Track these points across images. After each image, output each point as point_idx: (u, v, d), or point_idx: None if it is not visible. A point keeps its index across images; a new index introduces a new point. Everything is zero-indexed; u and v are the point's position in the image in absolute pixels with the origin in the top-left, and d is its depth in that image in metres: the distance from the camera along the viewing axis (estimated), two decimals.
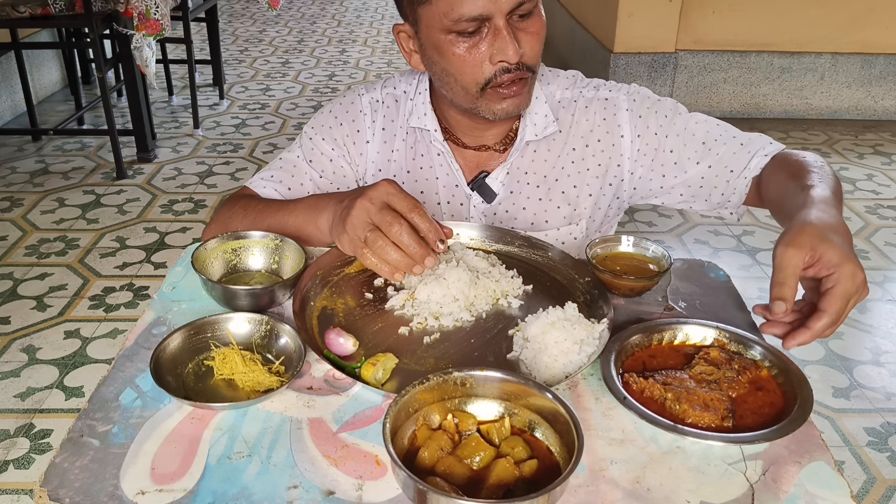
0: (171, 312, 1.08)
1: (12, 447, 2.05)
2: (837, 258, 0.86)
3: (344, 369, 0.94)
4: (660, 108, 1.30)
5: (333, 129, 1.35)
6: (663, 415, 0.87)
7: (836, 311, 0.86)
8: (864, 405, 2.27)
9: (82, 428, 0.87)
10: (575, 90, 1.33)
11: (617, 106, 1.31)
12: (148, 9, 3.31)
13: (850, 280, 0.86)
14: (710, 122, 1.30)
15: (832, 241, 0.88)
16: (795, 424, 0.84)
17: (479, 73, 1.14)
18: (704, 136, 1.28)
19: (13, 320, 2.59)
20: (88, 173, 3.76)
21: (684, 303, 1.13)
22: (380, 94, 1.36)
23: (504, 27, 1.10)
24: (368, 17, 7.41)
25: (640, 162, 1.31)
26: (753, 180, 1.25)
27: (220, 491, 0.79)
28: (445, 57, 1.15)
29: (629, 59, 4.36)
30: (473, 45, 1.13)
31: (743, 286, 1.16)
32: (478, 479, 0.77)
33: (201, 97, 4.74)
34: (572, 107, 1.32)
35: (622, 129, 1.30)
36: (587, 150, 1.32)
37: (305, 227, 1.18)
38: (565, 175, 1.32)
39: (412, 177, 1.35)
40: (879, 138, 4.36)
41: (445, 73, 1.18)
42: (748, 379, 0.92)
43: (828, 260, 0.87)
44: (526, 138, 1.29)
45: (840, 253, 0.86)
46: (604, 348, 0.96)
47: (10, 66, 4.27)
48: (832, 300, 0.86)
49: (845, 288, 0.86)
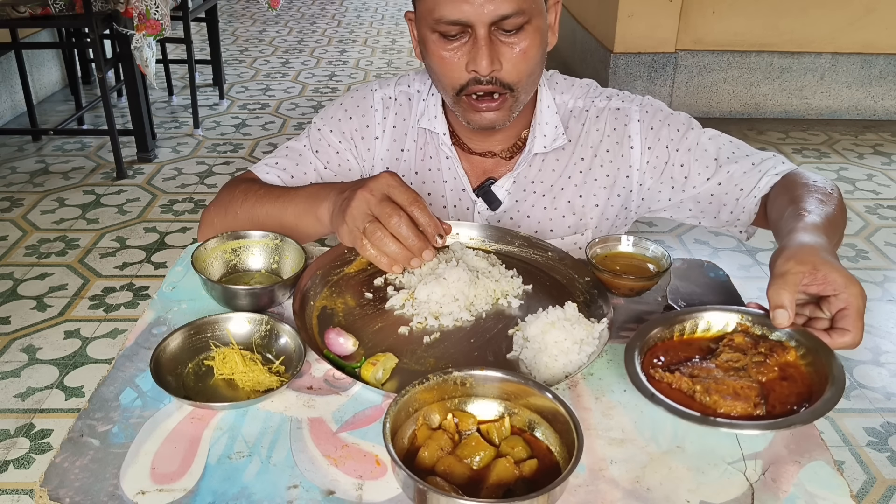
0: (171, 312, 1.08)
1: (12, 447, 2.05)
2: (843, 279, 0.88)
3: (344, 369, 0.94)
4: (672, 122, 1.29)
5: (342, 122, 1.34)
6: (693, 408, 0.85)
7: (860, 329, 0.88)
8: (864, 405, 2.27)
9: (82, 428, 0.87)
10: (587, 100, 1.32)
11: (628, 116, 1.30)
12: (148, 9, 3.31)
13: (861, 300, 0.88)
14: (722, 138, 1.29)
15: (833, 262, 0.90)
16: (831, 403, 0.82)
17: (454, 78, 1.15)
18: (716, 152, 1.27)
19: (13, 320, 2.59)
20: (88, 173, 3.76)
21: (684, 302, 1.13)
22: (393, 90, 1.35)
23: (483, 38, 1.10)
24: (368, 17, 7.41)
25: (650, 174, 1.30)
26: (762, 199, 1.24)
27: (220, 491, 0.79)
28: (429, 54, 1.17)
29: (629, 59, 4.36)
30: (453, 49, 1.13)
31: (743, 286, 1.16)
32: (478, 478, 0.77)
33: (201, 97, 4.74)
34: (583, 116, 1.31)
35: (632, 140, 1.29)
36: (595, 161, 1.31)
37: (304, 217, 1.15)
38: (572, 185, 1.31)
39: (420, 178, 1.35)
40: (879, 138, 4.36)
41: (430, 69, 1.20)
42: (776, 362, 0.90)
43: (833, 280, 0.88)
44: (534, 150, 1.29)
45: (845, 274, 0.88)
46: (626, 345, 0.93)
47: (10, 66, 4.27)
48: (854, 320, 0.88)
49: (859, 307, 0.88)
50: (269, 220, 1.19)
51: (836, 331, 0.89)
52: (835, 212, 1.09)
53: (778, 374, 0.89)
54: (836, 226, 1.07)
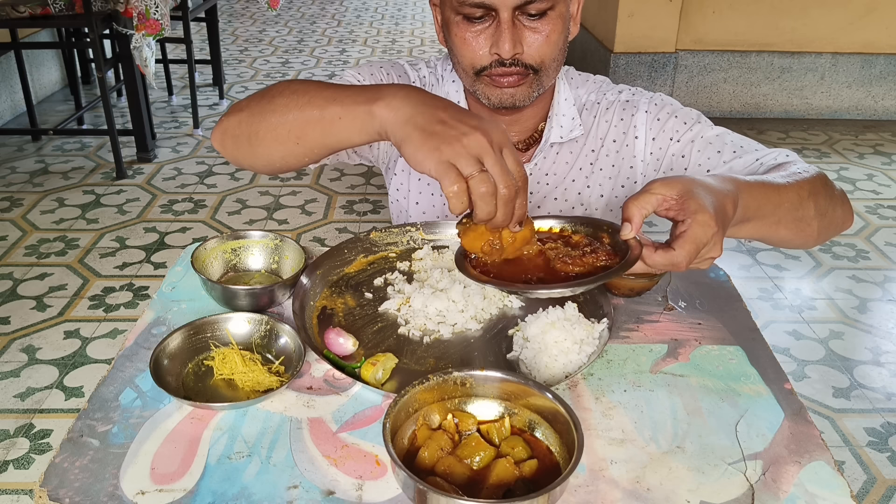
0: (170, 312, 1.08)
1: (12, 447, 2.05)
2: (696, 206, 0.87)
3: (344, 369, 0.94)
4: (680, 115, 1.28)
5: (385, 69, 1.32)
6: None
7: (686, 253, 0.87)
8: (864, 405, 2.27)
9: (82, 428, 0.87)
10: (600, 93, 1.33)
11: (636, 108, 1.30)
12: (147, 9, 3.31)
13: (701, 227, 0.87)
14: (731, 135, 1.27)
15: (700, 195, 0.89)
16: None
17: (476, 59, 1.16)
18: (721, 146, 1.25)
19: (13, 320, 2.59)
20: (88, 173, 3.76)
21: (684, 302, 1.13)
22: (426, 71, 1.36)
23: (507, 21, 1.11)
24: (368, 17, 7.40)
25: (653, 166, 1.30)
26: None
27: (219, 491, 0.79)
28: (452, 36, 1.18)
29: (629, 58, 4.36)
30: (477, 32, 1.14)
31: (743, 286, 1.16)
32: (478, 479, 0.77)
33: (201, 97, 4.73)
34: (595, 109, 1.32)
35: (637, 130, 1.29)
36: (602, 151, 1.31)
37: (354, 109, 0.93)
38: (583, 176, 1.32)
39: None
40: (879, 138, 4.35)
41: (452, 51, 1.21)
42: (585, 261, 0.93)
43: (688, 206, 0.88)
44: (551, 140, 1.29)
45: (700, 203, 0.88)
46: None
47: (9, 66, 4.27)
48: (683, 242, 0.87)
49: (695, 233, 0.87)
50: (309, 109, 0.97)
51: (663, 247, 0.89)
52: (790, 183, 1.05)
53: (585, 270, 0.93)
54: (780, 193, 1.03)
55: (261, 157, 1.04)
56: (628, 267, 0.88)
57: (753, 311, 1.14)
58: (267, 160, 1.04)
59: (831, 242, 3.18)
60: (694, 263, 0.90)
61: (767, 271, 2.97)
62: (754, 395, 0.95)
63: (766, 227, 1.02)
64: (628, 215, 0.90)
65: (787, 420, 0.91)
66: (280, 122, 0.98)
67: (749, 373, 0.99)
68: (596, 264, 0.92)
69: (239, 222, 3.31)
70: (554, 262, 0.92)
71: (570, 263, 0.91)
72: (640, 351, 1.02)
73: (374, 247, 1.22)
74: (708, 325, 1.09)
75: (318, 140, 0.97)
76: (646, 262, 0.89)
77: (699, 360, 1.01)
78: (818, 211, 1.07)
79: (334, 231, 3.27)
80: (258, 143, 1.02)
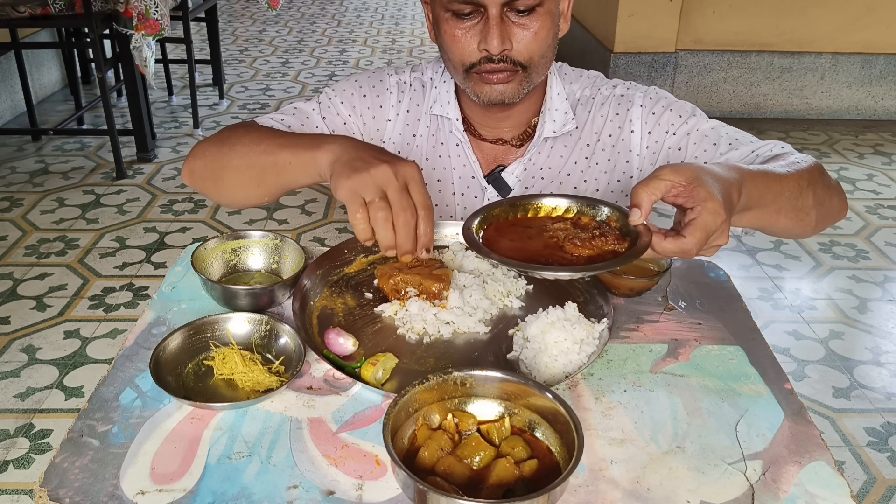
0: (170, 312, 1.08)
1: (12, 447, 2.05)
2: (705, 194, 0.88)
3: (344, 369, 0.94)
4: (675, 108, 1.29)
5: (356, 97, 1.34)
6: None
7: (697, 241, 0.87)
8: (864, 405, 2.27)
9: (82, 428, 0.87)
10: (594, 88, 1.34)
11: (631, 102, 1.30)
12: (147, 9, 3.31)
13: (711, 215, 0.87)
14: (726, 128, 1.28)
15: (709, 182, 0.89)
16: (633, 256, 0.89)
17: (465, 56, 1.17)
18: (717, 138, 1.25)
19: (13, 320, 2.59)
20: (88, 173, 3.76)
21: (684, 302, 1.13)
22: (408, 77, 1.37)
23: (495, 17, 1.11)
24: (368, 17, 7.40)
25: (648, 159, 1.30)
26: None
27: (219, 491, 0.79)
28: (441, 33, 1.19)
29: (629, 58, 4.36)
30: (466, 28, 1.15)
31: (743, 286, 1.16)
32: (478, 479, 0.77)
33: (201, 97, 4.73)
34: (590, 104, 1.33)
35: (633, 125, 1.30)
36: (598, 145, 1.32)
37: (302, 155, 1.06)
38: (578, 171, 1.32)
39: (430, 164, 1.36)
40: (879, 138, 4.35)
41: (442, 49, 1.21)
42: (595, 245, 0.94)
43: (697, 194, 0.88)
44: (544, 135, 1.29)
45: (709, 191, 0.88)
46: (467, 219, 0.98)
47: (9, 66, 4.27)
48: (693, 229, 0.87)
49: (705, 220, 0.87)
50: (265, 156, 1.11)
51: (672, 234, 0.89)
52: (790, 173, 1.05)
53: (594, 253, 0.93)
54: (781, 182, 1.03)
55: (225, 197, 1.19)
56: (639, 254, 0.88)
57: (753, 311, 1.14)
58: (231, 199, 1.20)
59: (831, 242, 3.18)
60: (702, 251, 0.90)
61: (767, 271, 2.97)
62: (754, 395, 0.95)
63: (767, 215, 1.02)
64: (637, 201, 0.90)
65: (787, 420, 0.91)
66: (240, 168, 1.13)
67: (749, 373, 0.99)
68: (605, 247, 0.92)
69: (239, 222, 3.31)
70: (563, 242, 0.93)
71: (580, 245, 0.92)
72: (640, 351, 1.02)
73: (374, 247, 1.22)
74: (708, 325, 1.09)
75: (274, 182, 1.11)
76: (655, 249, 0.89)
77: (699, 360, 1.01)
78: (816, 200, 1.08)
79: (334, 231, 3.27)
80: (223, 186, 1.17)
